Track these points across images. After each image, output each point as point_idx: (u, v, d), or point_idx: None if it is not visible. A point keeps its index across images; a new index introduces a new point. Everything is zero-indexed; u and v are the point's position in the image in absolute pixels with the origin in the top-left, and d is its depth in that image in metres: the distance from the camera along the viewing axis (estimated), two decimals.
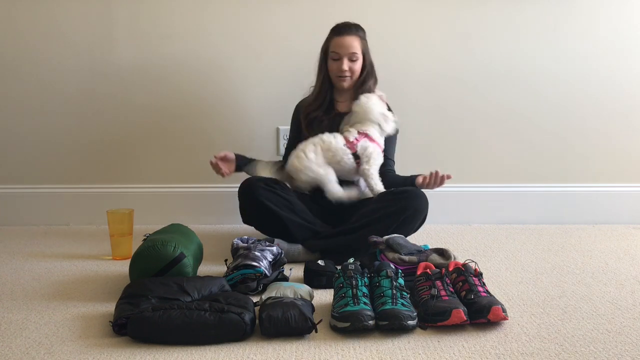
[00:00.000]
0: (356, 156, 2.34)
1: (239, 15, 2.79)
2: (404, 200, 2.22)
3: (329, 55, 2.44)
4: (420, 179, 2.34)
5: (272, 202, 2.24)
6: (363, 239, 2.11)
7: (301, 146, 2.35)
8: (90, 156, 2.87)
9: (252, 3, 2.78)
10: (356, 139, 2.34)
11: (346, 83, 2.44)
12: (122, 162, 2.88)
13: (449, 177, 2.30)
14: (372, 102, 2.38)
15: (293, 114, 2.58)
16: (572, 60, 2.85)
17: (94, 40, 2.80)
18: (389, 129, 2.41)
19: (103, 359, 1.42)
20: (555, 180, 2.91)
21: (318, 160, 2.31)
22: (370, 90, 2.46)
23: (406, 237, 2.24)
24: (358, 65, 2.44)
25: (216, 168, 2.39)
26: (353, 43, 2.41)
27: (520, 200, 2.89)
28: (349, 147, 2.33)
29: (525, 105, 2.87)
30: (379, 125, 2.38)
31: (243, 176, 2.41)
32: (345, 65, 2.40)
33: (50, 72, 2.82)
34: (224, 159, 2.40)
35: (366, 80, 2.47)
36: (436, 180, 2.31)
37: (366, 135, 2.36)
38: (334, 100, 2.52)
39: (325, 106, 2.48)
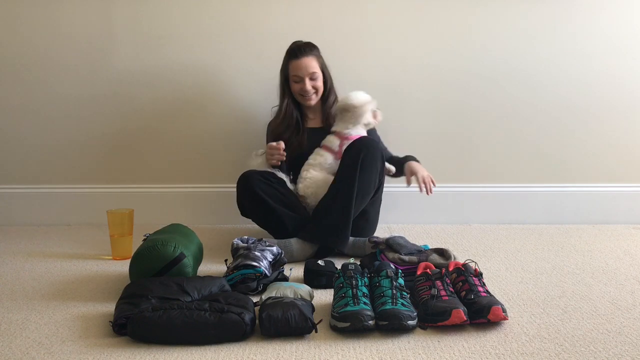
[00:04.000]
0: None
1: (238, 15, 2.79)
2: (355, 145, 2.27)
3: (290, 79, 2.50)
4: (409, 175, 2.45)
5: (267, 194, 2.28)
6: (342, 202, 2.21)
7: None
8: (90, 156, 2.87)
9: (252, 3, 2.78)
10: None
11: (312, 101, 2.51)
12: (122, 162, 2.88)
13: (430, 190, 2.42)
14: (366, 100, 2.43)
15: (267, 134, 2.60)
16: (572, 60, 2.85)
17: (94, 41, 2.80)
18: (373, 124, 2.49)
19: (103, 359, 1.42)
20: (555, 180, 2.91)
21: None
22: (333, 105, 2.54)
23: (375, 182, 2.30)
24: (320, 82, 2.51)
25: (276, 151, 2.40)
26: (311, 63, 2.48)
27: (520, 200, 2.89)
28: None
29: (525, 105, 2.87)
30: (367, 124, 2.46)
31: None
32: (308, 85, 2.47)
33: (50, 72, 2.82)
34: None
35: (329, 95, 2.55)
36: (426, 187, 2.40)
37: (347, 138, 2.40)
38: (304, 116, 2.58)
39: (294, 126, 2.53)
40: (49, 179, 2.89)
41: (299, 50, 2.48)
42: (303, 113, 2.58)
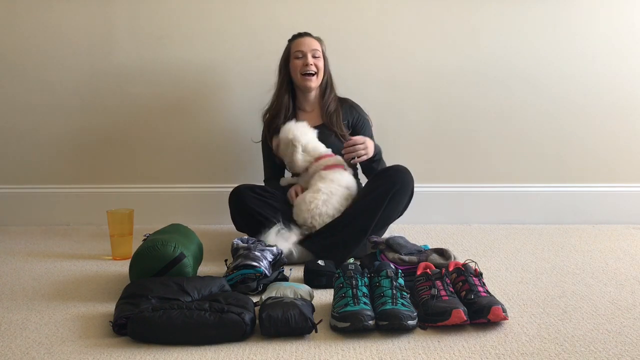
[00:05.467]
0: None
1: (238, 14, 2.79)
2: (391, 176, 2.23)
3: (291, 57, 2.46)
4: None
5: (261, 209, 2.25)
6: (360, 227, 2.16)
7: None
8: (90, 156, 2.87)
9: (251, 2, 2.78)
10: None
11: (312, 82, 2.44)
12: (122, 162, 2.88)
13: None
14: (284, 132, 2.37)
15: (264, 125, 2.56)
16: (572, 60, 2.85)
17: (94, 41, 2.80)
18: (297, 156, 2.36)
19: (103, 359, 1.42)
20: (555, 180, 2.91)
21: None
22: (332, 102, 2.49)
23: (397, 216, 2.29)
24: (322, 64, 2.46)
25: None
26: (314, 43, 2.46)
27: (520, 200, 2.89)
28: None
29: (525, 105, 2.87)
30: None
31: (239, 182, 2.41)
32: (310, 59, 2.42)
33: (50, 72, 2.82)
34: None
35: (327, 88, 2.50)
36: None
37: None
38: (298, 110, 2.52)
39: (288, 115, 2.47)
40: (49, 179, 2.89)
41: (303, 33, 2.49)
42: (298, 105, 2.52)
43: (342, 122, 2.48)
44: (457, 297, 1.65)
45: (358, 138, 2.33)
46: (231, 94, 2.83)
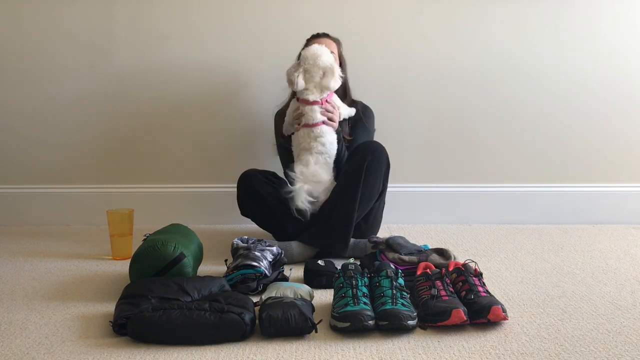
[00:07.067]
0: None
1: (239, 15, 2.79)
2: (361, 149, 2.26)
3: None
4: None
5: (267, 192, 2.28)
6: (345, 208, 2.18)
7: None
8: (90, 156, 2.87)
9: (252, 3, 2.78)
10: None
11: None
12: (122, 162, 2.88)
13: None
14: (323, 49, 2.32)
15: (274, 124, 2.57)
16: (572, 60, 2.85)
17: (95, 41, 2.80)
18: (333, 83, 2.31)
19: (103, 359, 1.42)
20: (555, 180, 2.91)
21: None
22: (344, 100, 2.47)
23: (379, 188, 2.28)
24: (337, 60, 2.45)
25: None
26: (331, 45, 2.46)
27: (520, 200, 2.89)
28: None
29: (525, 105, 2.86)
30: (323, 74, 2.30)
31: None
32: None
33: (50, 72, 2.82)
34: None
35: (342, 87, 2.44)
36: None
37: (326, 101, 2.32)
38: None
39: None
40: (49, 179, 2.89)
41: (321, 33, 2.50)
42: None
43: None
44: (457, 297, 1.65)
45: (335, 111, 2.34)
46: (231, 94, 2.83)
